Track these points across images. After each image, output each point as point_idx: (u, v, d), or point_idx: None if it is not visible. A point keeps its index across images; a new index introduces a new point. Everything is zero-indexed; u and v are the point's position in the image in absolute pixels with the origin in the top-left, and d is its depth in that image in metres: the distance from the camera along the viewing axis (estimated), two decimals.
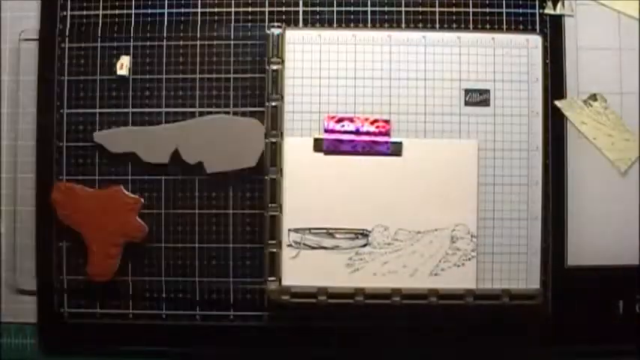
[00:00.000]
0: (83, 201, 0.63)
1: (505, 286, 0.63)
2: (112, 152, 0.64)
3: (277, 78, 0.63)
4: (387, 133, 0.63)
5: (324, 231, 0.63)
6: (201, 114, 0.64)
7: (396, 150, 0.63)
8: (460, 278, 0.63)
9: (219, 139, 0.63)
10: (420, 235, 0.63)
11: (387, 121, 0.63)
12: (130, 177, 0.64)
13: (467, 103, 0.64)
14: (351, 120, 0.63)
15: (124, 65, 0.64)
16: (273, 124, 0.63)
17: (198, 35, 0.64)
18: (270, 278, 0.63)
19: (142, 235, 0.63)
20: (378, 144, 0.63)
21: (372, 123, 0.63)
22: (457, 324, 0.63)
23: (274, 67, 0.63)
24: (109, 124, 0.64)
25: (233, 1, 0.65)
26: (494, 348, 0.63)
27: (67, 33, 0.64)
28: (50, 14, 0.65)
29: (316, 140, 0.63)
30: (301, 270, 0.63)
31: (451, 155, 0.63)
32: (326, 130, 0.63)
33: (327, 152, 0.63)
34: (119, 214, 0.63)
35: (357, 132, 0.63)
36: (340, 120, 0.63)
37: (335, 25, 0.65)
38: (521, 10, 0.65)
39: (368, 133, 0.63)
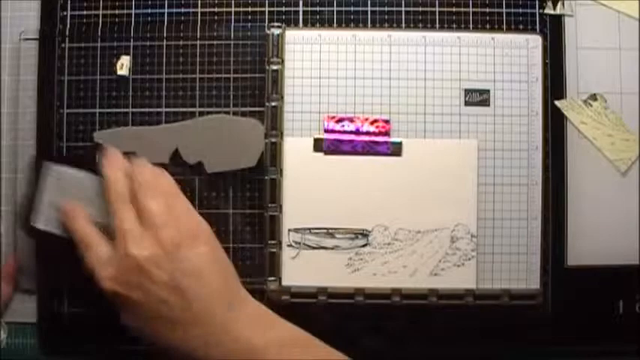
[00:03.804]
0: None
1: (505, 286, 0.63)
2: None
3: (277, 78, 0.63)
4: (387, 133, 0.63)
5: (324, 231, 0.63)
6: (201, 114, 0.64)
7: (396, 150, 0.63)
8: (460, 278, 0.63)
9: (219, 139, 0.63)
10: (420, 235, 0.63)
11: (387, 121, 0.63)
12: None
13: (467, 103, 0.64)
14: (351, 120, 0.63)
15: (124, 65, 0.64)
16: (273, 124, 0.63)
17: (198, 35, 0.64)
18: (270, 278, 0.63)
19: None
20: (378, 144, 0.63)
21: (372, 123, 0.63)
22: (457, 324, 0.63)
23: (274, 67, 0.63)
24: (109, 124, 0.64)
25: (233, 1, 0.65)
26: (494, 348, 0.63)
27: (67, 33, 0.64)
28: (50, 14, 0.65)
29: (316, 140, 0.63)
30: (301, 270, 0.63)
31: (451, 155, 0.63)
32: (326, 130, 0.63)
33: (327, 152, 0.63)
34: None
35: (357, 132, 0.63)
36: (340, 120, 0.63)
37: (335, 25, 0.65)
38: (521, 10, 0.65)
39: (368, 133, 0.63)
